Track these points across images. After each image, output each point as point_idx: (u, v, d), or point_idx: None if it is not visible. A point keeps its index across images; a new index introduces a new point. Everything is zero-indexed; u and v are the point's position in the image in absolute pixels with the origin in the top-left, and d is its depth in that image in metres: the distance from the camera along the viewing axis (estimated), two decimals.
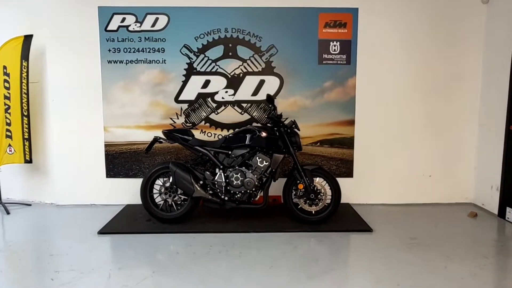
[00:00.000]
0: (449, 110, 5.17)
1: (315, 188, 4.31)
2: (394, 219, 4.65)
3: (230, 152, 4.30)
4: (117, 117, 5.05)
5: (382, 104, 5.13)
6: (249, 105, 5.06)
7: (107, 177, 5.13)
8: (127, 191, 5.08)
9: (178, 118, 5.07)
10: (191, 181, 4.20)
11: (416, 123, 5.18)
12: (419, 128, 5.19)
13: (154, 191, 4.43)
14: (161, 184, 4.38)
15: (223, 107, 5.08)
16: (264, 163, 4.20)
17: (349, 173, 5.21)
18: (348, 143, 5.17)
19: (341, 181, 4.42)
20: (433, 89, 5.13)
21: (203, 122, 5.08)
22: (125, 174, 5.12)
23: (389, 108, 5.14)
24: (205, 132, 5.10)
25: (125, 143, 5.10)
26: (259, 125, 4.97)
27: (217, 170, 4.32)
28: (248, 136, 4.25)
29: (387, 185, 5.26)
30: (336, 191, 4.34)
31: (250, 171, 4.21)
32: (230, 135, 4.35)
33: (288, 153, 4.28)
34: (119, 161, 5.11)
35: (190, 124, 5.08)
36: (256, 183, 4.21)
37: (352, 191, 5.18)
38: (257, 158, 4.21)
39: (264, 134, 4.20)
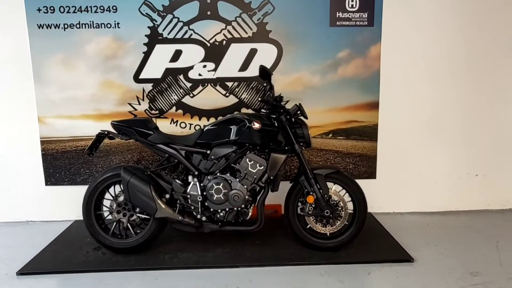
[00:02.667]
0: (504, 92, 3.86)
1: (331, 200, 3.02)
2: (437, 237, 3.39)
3: (208, 152, 2.98)
4: (56, 104, 3.69)
5: (415, 82, 3.81)
6: (235, 84, 3.72)
7: (46, 184, 3.80)
8: (74, 203, 3.74)
9: (139, 104, 3.72)
10: (151, 195, 2.89)
11: (460, 107, 3.87)
12: (463, 115, 3.88)
13: (103, 207, 3.13)
14: (112, 198, 3.07)
15: (200, 88, 3.73)
16: (258, 167, 2.89)
17: (370, 174, 3.92)
18: (369, 133, 3.86)
19: (361, 183, 3.12)
20: (486, 64, 3.80)
21: (174, 108, 3.74)
22: (71, 180, 3.79)
23: (424, 88, 3.82)
24: (177, 122, 3.76)
25: (68, 139, 3.76)
26: (250, 112, 3.64)
27: (190, 178, 3.00)
28: (234, 128, 2.93)
29: (421, 188, 3.99)
30: (360, 204, 3.06)
31: (237, 179, 2.91)
32: (209, 127, 3.02)
33: (292, 152, 2.97)
34: (62, 163, 3.78)
35: (157, 112, 3.74)
36: (247, 196, 2.90)
37: (375, 196, 3.90)
38: (247, 160, 2.90)
39: (256, 125, 2.88)
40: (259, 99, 2.80)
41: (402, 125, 3.88)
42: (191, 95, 3.74)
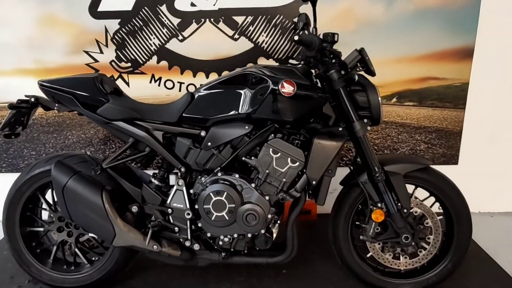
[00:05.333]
0: None
1: (413, 216, 1.78)
2: None
3: (203, 134, 1.70)
4: None
5: None
6: (249, 19, 2.37)
7: None
8: None
9: (101, 52, 2.42)
10: (104, 210, 1.67)
11: None
12: None
13: (39, 221, 1.95)
14: (49, 207, 1.88)
15: (194, 26, 2.39)
16: (290, 163, 1.63)
17: (451, 157, 2.62)
18: (454, 97, 2.52)
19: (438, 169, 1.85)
20: None
21: (155, 58, 2.43)
22: (11, 166, 2.60)
23: None
24: (159, 80, 2.47)
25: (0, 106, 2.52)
26: (273, 64, 2.33)
27: (172, 178, 1.76)
28: (246, 93, 1.65)
29: None
30: (461, 223, 1.81)
31: (252, 183, 1.65)
32: (203, 91, 1.73)
33: (349, 134, 1.68)
34: None
35: (129, 65, 2.44)
36: (270, 215, 1.66)
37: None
38: (271, 151, 1.63)
39: (288, 87, 1.57)
40: (295, 37, 1.46)
41: (507, 86, 2.51)
42: (180, 37, 2.40)
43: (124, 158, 1.76)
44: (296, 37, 1.52)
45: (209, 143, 1.69)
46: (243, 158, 1.67)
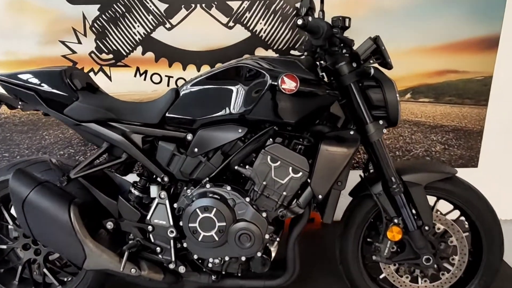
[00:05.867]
0: None
1: (435, 233, 1.52)
2: None
3: (189, 138, 1.44)
4: None
5: None
6: (245, 5, 2.09)
7: None
8: None
9: (79, 42, 2.15)
10: (71, 226, 1.41)
11: None
12: None
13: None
14: (13, 221, 1.63)
15: (183, 12, 2.12)
16: (291, 173, 1.37)
17: (469, 160, 2.36)
18: (476, 93, 2.26)
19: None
20: None
21: (140, 49, 2.17)
22: None
23: None
24: (145, 74, 2.20)
25: None
26: (272, 56, 2.07)
27: (153, 190, 1.50)
28: (240, 90, 1.38)
29: None
30: (492, 241, 1.55)
31: (247, 197, 1.39)
32: (189, 88, 1.47)
33: (362, 138, 1.41)
34: None
35: (110, 57, 2.17)
36: (267, 235, 1.40)
37: None
38: (269, 159, 1.37)
39: (289, 83, 1.31)
40: (298, 21, 1.19)
41: None
42: (168, 25, 2.13)
43: (97, 166, 1.50)
44: (299, 21, 1.24)
45: (196, 149, 1.43)
46: (236, 167, 1.41)
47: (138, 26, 2.13)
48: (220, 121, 1.42)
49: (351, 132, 1.39)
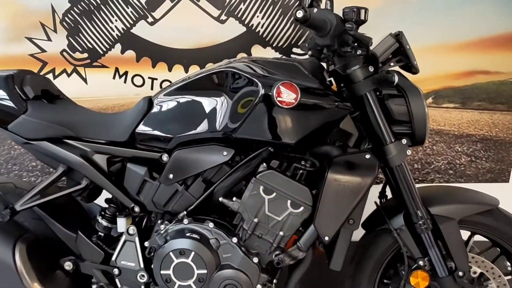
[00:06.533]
0: None
1: (473, 280, 1.22)
2: None
3: (165, 159, 1.15)
4: None
5: None
6: None
7: None
8: None
9: (49, 39, 1.87)
10: (15, 270, 1.13)
11: None
12: None
13: None
14: None
15: (167, 4, 1.82)
16: (290, 208, 1.07)
17: (500, 173, 2.05)
18: (509, 97, 1.94)
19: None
20: None
21: (119, 47, 1.87)
22: None
23: None
24: (125, 75, 1.91)
25: None
26: (269, 58, 1.77)
27: (120, 223, 1.22)
28: (224, 102, 1.08)
29: None
30: None
31: (234, 237, 1.10)
32: (162, 97, 1.17)
33: (381, 161, 1.11)
34: None
35: (85, 55, 1.89)
36: (260, 286, 1.11)
37: None
38: (261, 190, 1.07)
39: (287, 94, 1.01)
40: (297, 14, 0.90)
41: None
42: (150, 19, 1.84)
43: (50, 195, 1.22)
44: (299, 13, 0.93)
45: (171, 175, 1.14)
46: (221, 199, 1.12)
47: (116, 20, 1.84)
48: (201, 140, 1.13)
49: (367, 156, 1.09)
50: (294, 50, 1.85)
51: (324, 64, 1.22)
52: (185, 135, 1.13)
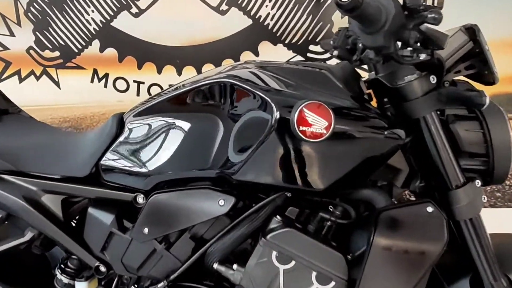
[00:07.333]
0: None
1: None
2: None
3: (141, 201, 0.81)
4: None
5: None
6: None
7: None
8: None
9: (13, 34, 1.54)
10: None
11: None
12: None
13: None
14: None
15: None
16: (316, 283, 0.73)
17: None
18: None
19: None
20: None
21: (98, 43, 1.54)
22: None
23: None
24: (106, 78, 1.58)
25: None
26: (282, 63, 1.42)
27: (80, 286, 0.89)
28: (221, 128, 0.74)
29: None
30: None
31: None
32: (136, 116, 0.83)
33: (446, 211, 0.76)
34: None
35: (56, 54, 1.55)
36: None
37: None
38: (274, 255, 0.73)
39: (316, 122, 0.66)
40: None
41: None
42: (135, 10, 1.50)
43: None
44: None
45: (146, 229, 0.81)
46: (216, 266, 0.78)
47: (93, 11, 1.51)
48: (189, 180, 0.79)
49: (429, 209, 0.74)
50: (312, 48, 1.50)
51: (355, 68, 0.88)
52: (166, 173, 0.80)
